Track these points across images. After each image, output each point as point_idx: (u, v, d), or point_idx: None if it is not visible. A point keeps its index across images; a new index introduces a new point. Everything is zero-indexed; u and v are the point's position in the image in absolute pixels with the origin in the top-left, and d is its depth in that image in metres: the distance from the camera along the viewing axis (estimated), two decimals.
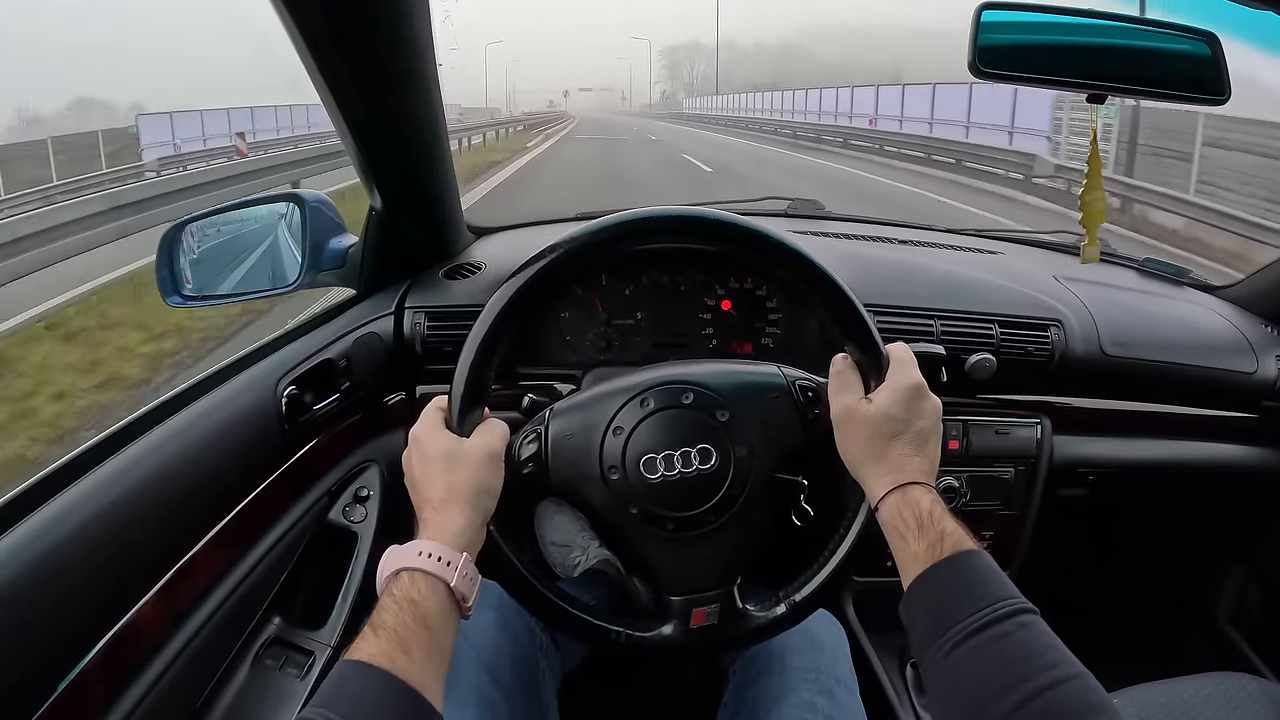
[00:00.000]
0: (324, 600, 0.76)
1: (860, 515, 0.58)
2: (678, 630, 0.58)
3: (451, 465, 0.53)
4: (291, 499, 0.75)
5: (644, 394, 0.58)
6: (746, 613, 0.58)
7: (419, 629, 0.45)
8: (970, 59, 0.70)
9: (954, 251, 1.06)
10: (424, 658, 0.45)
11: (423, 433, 0.55)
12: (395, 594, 0.47)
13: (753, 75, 59.29)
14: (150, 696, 0.57)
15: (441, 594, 0.48)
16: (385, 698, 0.42)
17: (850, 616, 0.90)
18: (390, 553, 0.50)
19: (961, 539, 0.49)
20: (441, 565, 0.48)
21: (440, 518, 0.51)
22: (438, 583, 0.48)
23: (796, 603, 0.59)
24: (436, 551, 0.48)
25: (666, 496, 0.56)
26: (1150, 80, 0.73)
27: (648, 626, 0.58)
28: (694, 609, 0.57)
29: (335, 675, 0.44)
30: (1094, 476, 0.94)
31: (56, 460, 0.57)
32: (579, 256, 0.57)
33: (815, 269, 0.58)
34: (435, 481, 0.52)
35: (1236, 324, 0.98)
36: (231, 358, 0.73)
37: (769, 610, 0.59)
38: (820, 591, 0.59)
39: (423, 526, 0.51)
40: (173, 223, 0.85)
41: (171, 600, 0.60)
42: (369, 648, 0.44)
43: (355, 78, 0.67)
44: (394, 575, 0.48)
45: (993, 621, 0.44)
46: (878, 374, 0.57)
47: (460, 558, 0.49)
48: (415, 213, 0.87)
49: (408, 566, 0.48)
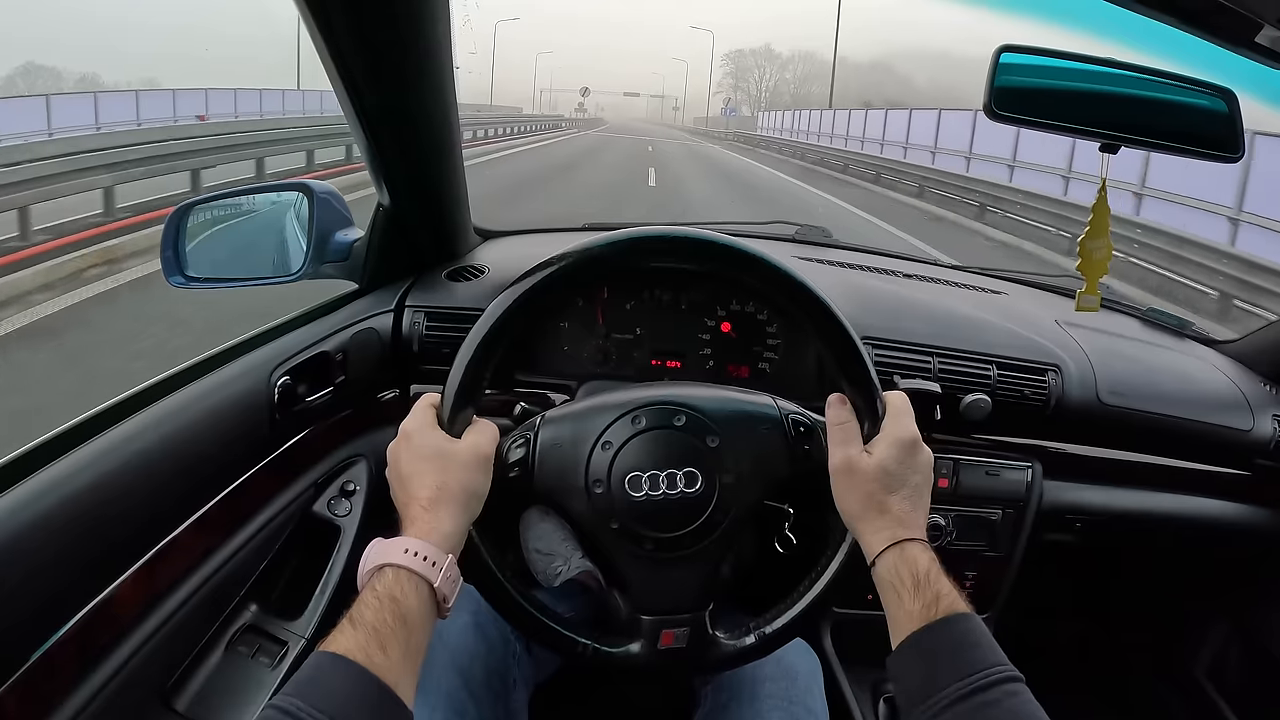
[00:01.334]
0: (302, 591, 0.76)
1: (839, 553, 0.58)
2: (645, 649, 0.57)
3: (443, 465, 0.53)
4: (277, 488, 0.75)
5: (637, 411, 0.58)
6: (716, 639, 0.58)
7: (398, 627, 0.45)
8: (986, 100, 0.70)
9: (959, 289, 1.06)
10: (400, 656, 0.45)
11: (414, 429, 0.55)
12: (378, 590, 0.47)
13: (840, 92, 50.48)
14: (121, 674, 0.57)
15: (424, 594, 0.48)
16: (358, 692, 0.42)
17: (826, 647, 0.90)
18: (375, 546, 0.49)
19: (956, 601, 0.50)
20: (427, 565, 0.48)
21: (429, 517, 0.51)
22: (421, 582, 0.48)
23: (767, 635, 0.59)
24: (423, 551, 0.48)
25: (648, 516, 0.56)
26: (1165, 134, 0.72)
27: (616, 642, 0.58)
28: (664, 630, 0.57)
29: (309, 666, 0.44)
30: (1082, 524, 0.93)
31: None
32: (586, 269, 0.57)
33: (824, 309, 0.58)
34: (425, 480, 0.52)
35: (1235, 380, 0.98)
36: (227, 344, 0.73)
37: (738, 639, 0.59)
38: (791, 626, 0.59)
39: (409, 523, 0.51)
40: (180, 203, 0.86)
41: (149, 580, 0.60)
42: (346, 641, 0.44)
43: (370, 76, 0.68)
44: (378, 570, 0.48)
45: (981, 688, 0.45)
46: (873, 417, 0.57)
47: (446, 559, 0.49)
48: (422, 212, 0.87)
49: (393, 563, 0.48)
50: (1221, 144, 0.72)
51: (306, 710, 0.40)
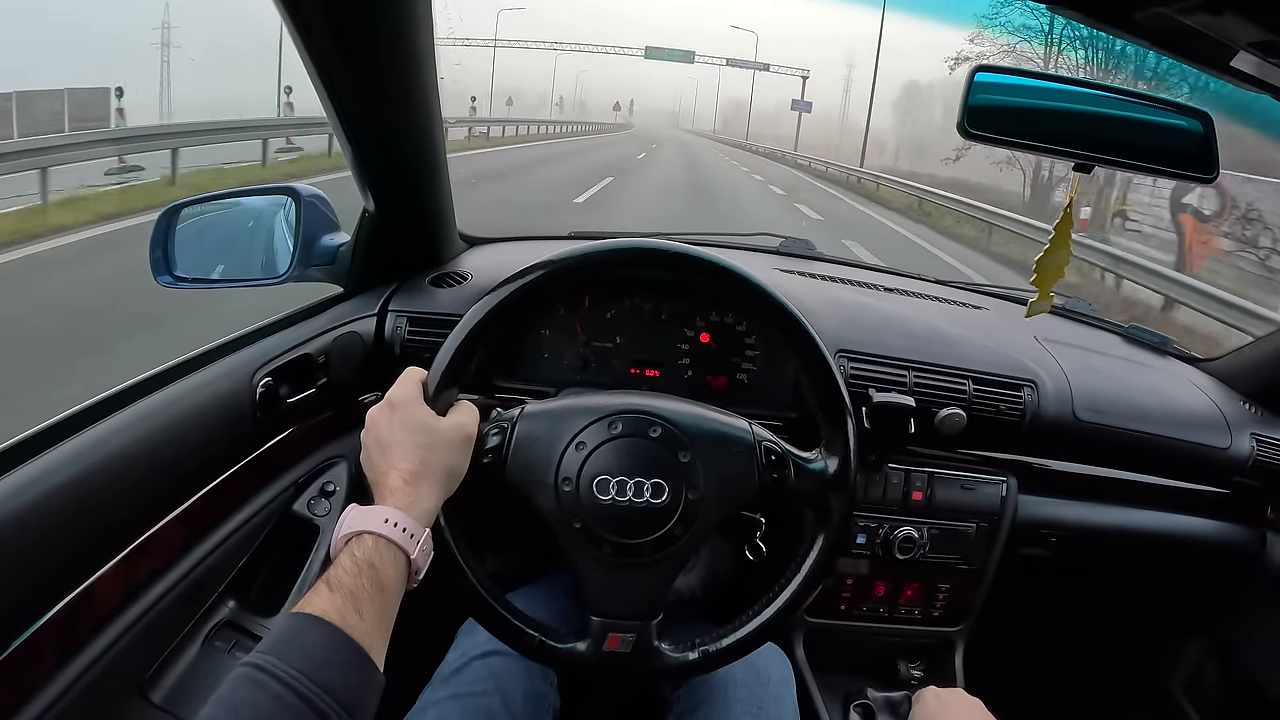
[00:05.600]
0: (280, 589, 0.77)
1: (794, 583, 0.60)
2: (590, 649, 0.59)
3: (427, 441, 0.54)
4: (258, 487, 0.77)
5: (614, 417, 0.59)
6: (659, 651, 0.60)
7: (374, 593, 0.47)
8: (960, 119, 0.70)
9: (939, 304, 1.06)
10: (375, 620, 0.46)
11: (400, 400, 0.56)
12: (356, 555, 0.48)
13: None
14: (98, 665, 0.59)
15: (400, 564, 0.50)
16: (334, 651, 0.44)
17: (799, 655, 0.91)
18: (352, 511, 0.51)
19: None
20: (405, 536, 0.50)
21: (410, 490, 0.52)
22: (399, 553, 0.49)
23: (710, 653, 0.60)
24: (403, 523, 0.50)
25: (611, 520, 0.58)
26: (1140, 153, 0.73)
27: (563, 638, 0.60)
28: (610, 633, 0.59)
29: (285, 625, 0.45)
30: (1056, 539, 0.94)
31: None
32: (588, 270, 0.60)
33: (795, 323, 0.60)
34: (408, 453, 0.53)
35: (1214, 398, 0.98)
36: (211, 344, 0.75)
37: (681, 653, 0.60)
38: (737, 647, 0.60)
39: (388, 492, 0.52)
40: (170, 204, 0.87)
41: (129, 574, 0.62)
42: (322, 602, 0.45)
43: (353, 82, 0.69)
44: (356, 536, 0.49)
45: None
46: (833, 430, 0.58)
47: (424, 533, 0.51)
48: (407, 218, 0.88)
49: (373, 530, 0.49)
50: (1196, 163, 0.72)
51: (282, 668, 0.41)
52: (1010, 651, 1.08)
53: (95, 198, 5.30)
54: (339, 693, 0.42)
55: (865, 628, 0.92)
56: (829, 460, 0.62)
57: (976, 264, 6.91)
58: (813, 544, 0.63)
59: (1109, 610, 1.19)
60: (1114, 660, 1.20)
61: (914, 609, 0.92)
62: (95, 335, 2.88)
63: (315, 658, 0.43)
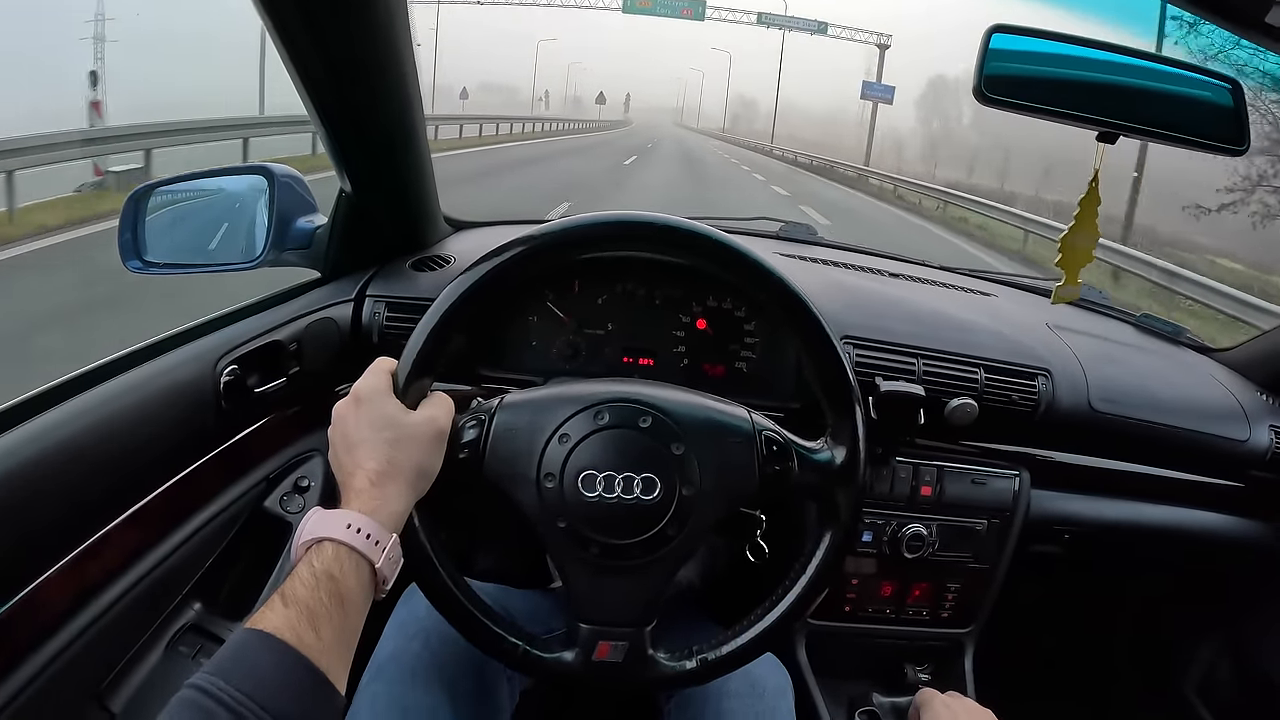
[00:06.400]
0: (250, 590, 0.73)
1: (797, 586, 0.56)
2: (579, 659, 0.55)
3: (395, 438, 0.50)
4: (225, 482, 0.72)
5: (600, 407, 0.55)
6: (654, 659, 0.55)
7: (334, 607, 0.42)
8: (976, 84, 0.66)
9: (945, 290, 1.02)
10: (333, 639, 0.42)
11: (368, 394, 0.52)
12: (315, 565, 0.44)
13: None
14: (49, 672, 0.55)
15: (364, 574, 0.45)
16: (285, 674, 0.39)
17: (801, 659, 0.86)
18: (314, 515, 0.46)
19: None
20: (370, 544, 0.45)
21: (376, 492, 0.48)
22: (362, 562, 0.45)
23: (709, 661, 0.56)
24: (367, 528, 0.46)
25: (598, 519, 0.53)
26: (1166, 123, 0.68)
27: (548, 647, 0.56)
28: (600, 641, 0.55)
29: (234, 643, 0.40)
30: (1070, 535, 0.90)
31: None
32: (576, 244, 0.56)
33: (804, 309, 0.56)
34: (375, 451, 0.49)
35: (1231, 389, 0.94)
36: (169, 332, 0.70)
37: (678, 663, 0.56)
38: (738, 655, 0.56)
39: (353, 495, 0.48)
40: (139, 185, 0.83)
41: (79, 576, 0.57)
42: (275, 619, 0.41)
43: (323, 58, 0.64)
44: (316, 544, 0.45)
45: None
46: (840, 418, 0.55)
47: (390, 539, 0.47)
48: (386, 201, 0.84)
49: (333, 538, 0.45)
50: (1224, 135, 0.68)
51: (227, 691, 0.37)
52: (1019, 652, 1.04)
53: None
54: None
55: (871, 630, 0.88)
56: (835, 450, 0.58)
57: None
58: (818, 543, 0.59)
59: (1121, 609, 1.16)
60: (1126, 660, 1.17)
61: (922, 610, 0.87)
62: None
63: (266, 681, 0.39)
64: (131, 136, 5.61)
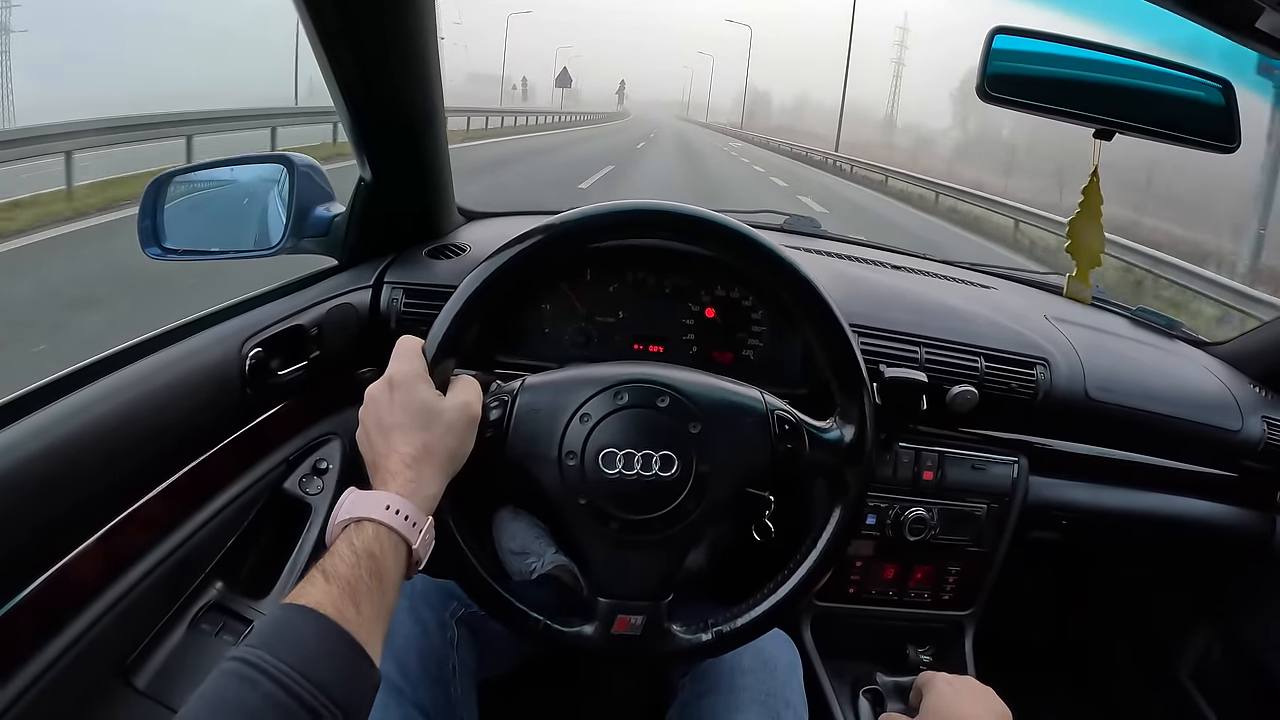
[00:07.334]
0: (270, 570, 0.74)
1: (810, 558, 0.58)
2: (598, 632, 0.56)
3: (430, 423, 0.51)
4: (247, 463, 0.73)
5: (620, 387, 0.57)
6: (670, 632, 0.57)
7: (373, 584, 0.44)
8: (979, 83, 0.69)
9: (947, 282, 1.04)
10: (372, 615, 0.43)
11: (404, 379, 0.53)
12: (355, 544, 0.45)
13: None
14: (78, 646, 0.56)
15: (402, 554, 0.47)
16: (328, 645, 0.41)
17: (807, 640, 0.89)
18: (351, 496, 0.48)
19: None
20: (408, 525, 0.47)
21: (412, 474, 0.49)
22: (400, 542, 0.47)
23: (724, 634, 0.58)
24: (405, 510, 0.47)
25: (618, 495, 0.55)
26: (1161, 121, 0.72)
27: (569, 621, 0.57)
28: (619, 615, 0.56)
29: (276, 617, 0.41)
30: (1067, 521, 0.92)
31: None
32: (595, 234, 0.58)
33: (814, 292, 0.58)
34: (410, 436, 0.51)
35: (1225, 381, 0.96)
36: (197, 314, 0.71)
37: (694, 635, 0.58)
38: (752, 626, 0.58)
39: (388, 476, 0.49)
40: (159, 172, 0.84)
41: (110, 551, 0.58)
42: (317, 593, 0.42)
43: (352, 46, 0.66)
44: (355, 523, 0.46)
45: None
46: (849, 399, 0.56)
47: (426, 521, 0.48)
48: (404, 189, 0.86)
49: (374, 518, 0.46)
50: (1217, 133, 0.71)
51: (271, 663, 0.38)
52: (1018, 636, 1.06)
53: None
54: (334, 691, 0.39)
55: (874, 611, 0.90)
56: (845, 429, 0.60)
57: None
58: (828, 519, 0.61)
59: (1118, 596, 1.18)
60: (1121, 646, 1.19)
61: (923, 592, 0.90)
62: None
63: (309, 653, 0.40)
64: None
